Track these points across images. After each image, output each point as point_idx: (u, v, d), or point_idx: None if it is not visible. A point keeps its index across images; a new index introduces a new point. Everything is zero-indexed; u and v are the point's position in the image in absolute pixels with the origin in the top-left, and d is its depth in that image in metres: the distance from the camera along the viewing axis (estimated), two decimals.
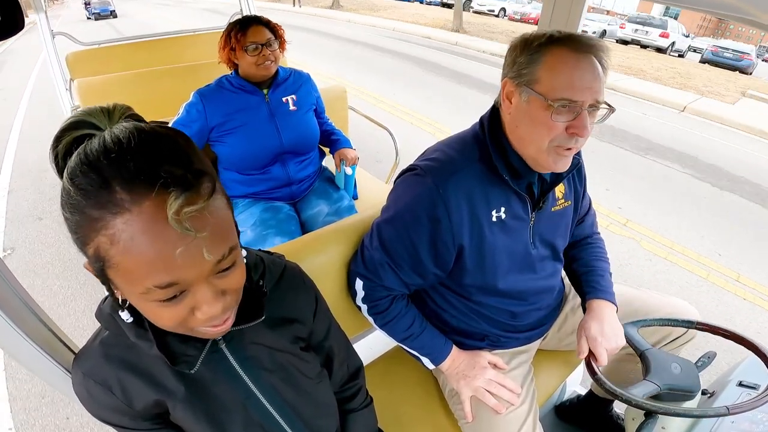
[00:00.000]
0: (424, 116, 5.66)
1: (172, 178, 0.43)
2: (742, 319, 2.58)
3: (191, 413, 0.63)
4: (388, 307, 1.07)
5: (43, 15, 2.69)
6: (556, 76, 0.85)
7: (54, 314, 2.17)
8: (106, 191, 0.42)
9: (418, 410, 1.17)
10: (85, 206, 0.43)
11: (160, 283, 0.45)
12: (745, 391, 0.99)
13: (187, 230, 0.43)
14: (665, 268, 3.01)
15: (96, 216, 0.43)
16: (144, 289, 0.46)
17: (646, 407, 0.86)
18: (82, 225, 0.44)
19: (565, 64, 0.84)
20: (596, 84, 0.84)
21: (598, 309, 1.08)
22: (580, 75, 0.84)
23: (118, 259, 0.44)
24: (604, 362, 1.01)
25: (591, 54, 0.85)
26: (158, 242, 0.43)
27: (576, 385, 1.68)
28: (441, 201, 0.92)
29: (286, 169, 1.77)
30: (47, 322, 0.73)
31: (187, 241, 0.44)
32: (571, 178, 1.12)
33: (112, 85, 2.40)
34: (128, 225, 0.42)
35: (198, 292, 0.49)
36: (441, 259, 0.98)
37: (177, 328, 0.52)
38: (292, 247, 1.14)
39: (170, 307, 0.49)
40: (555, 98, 0.85)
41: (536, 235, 1.05)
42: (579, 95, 0.84)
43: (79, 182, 0.43)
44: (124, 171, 0.43)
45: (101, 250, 0.44)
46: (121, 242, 0.43)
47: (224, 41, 1.66)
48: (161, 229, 0.43)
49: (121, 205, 0.42)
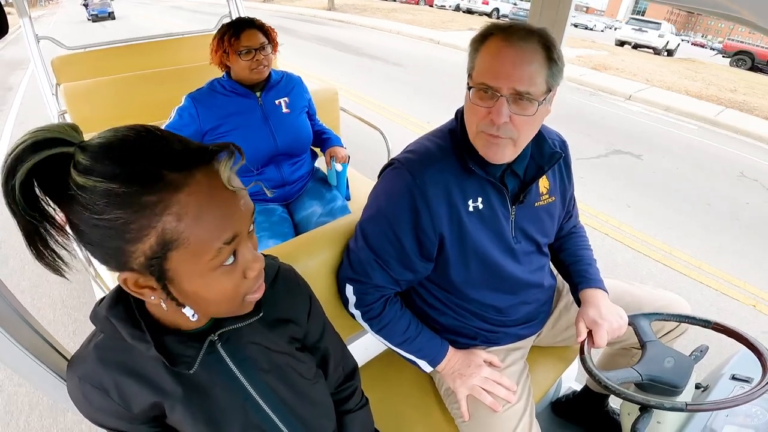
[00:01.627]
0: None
1: (214, 151, 0.50)
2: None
3: (189, 415, 0.63)
4: (382, 311, 1.06)
5: (27, 19, 2.65)
6: (482, 63, 0.88)
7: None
8: (157, 175, 0.45)
9: (414, 410, 1.17)
10: (139, 195, 0.44)
11: (227, 238, 0.50)
12: (738, 385, 1.00)
13: (236, 187, 0.51)
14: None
15: (154, 200, 0.45)
16: (215, 252, 0.50)
17: (611, 389, 0.89)
18: (137, 217, 0.45)
19: (491, 52, 0.87)
20: (517, 72, 0.85)
21: (592, 297, 1.09)
22: (501, 62, 0.85)
23: (189, 232, 0.47)
24: (603, 344, 1.01)
25: (526, 43, 0.85)
26: (222, 202, 0.50)
27: (571, 381, 1.69)
28: (419, 191, 0.94)
29: (281, 171, 1.76)
30: (38, 329, 0.72)
31: (240, 196, 0.52)
32: (557, 174, 1.12)
33: (99, 89, 2.36)
34: (192, 196, 0.47)
35: (245, 250, 0.55)
36: (425, 249, 0.99)
37: (233, 297, 0.56)
38: (286, 249, 1.14)
39: (230, 274, 0.54)
40: (475, 83, 0.89)
41: (518, 230, 1.05)
42: (495, 81, 0.86)
43: (122, 176, 0.44)
44: (164, 154, 0.47)
45: (168, 231, 0.46)
46: (190, 213, 0.47)
47: (217, 44, 1.64)
48: (219, 191, 0.49)
49: (178, 182, 0.46)
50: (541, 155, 1.02)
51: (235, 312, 0.60)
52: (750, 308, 2.72)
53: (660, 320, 1.08)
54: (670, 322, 1.15)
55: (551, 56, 0.86)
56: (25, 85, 7.48)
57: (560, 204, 1.13)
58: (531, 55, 0.85)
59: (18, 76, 8.24)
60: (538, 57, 0.85)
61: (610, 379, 0.90)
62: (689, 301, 1.22)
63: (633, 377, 0.92)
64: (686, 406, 0.83)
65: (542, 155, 1.02)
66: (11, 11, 2.77)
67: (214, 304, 0.56)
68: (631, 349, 1.27)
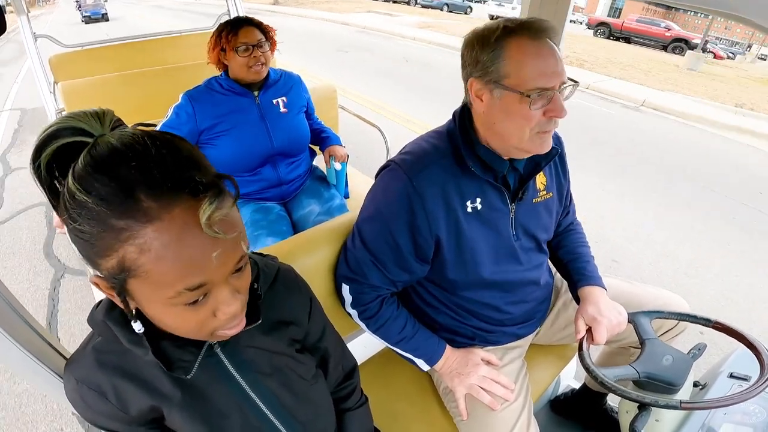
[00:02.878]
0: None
1: (203, 184, 0.44)
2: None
3: (188, 418, 0.62)
4: (378, 311, 1.06)
5: (24, 17, 2.64)
6: (524, 67, 0.86)
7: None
8: (131, 200, 0.42)
9: (413, 408, 1.17)
10: (107, 217, 0.42)
11: (191, 285, 0.46)
12: (736, 383, 1.00)
13: (217, 234, 0.44)
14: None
15: (121, 226, 0.42)
16: (174, 293, 0.46)
17: (608, 385, 0.89)
18: (102, 236, 0.43)
19: (529, 54, 0.86)
20: (560, 65, 0.88)
21: (591, 294, 1.09)
22: (545, 62, 0.86)
23: (148, 267, 0.44)
24: (603, 340, 1.01)
25: (547, 37, 0.87)
26: (192, 247, 0.44)
27: (570, 379, 1.69)
28: (415, 193, 0.93)
29: (277, 171, 1.76)
30: (36, 328, 0.72)
31: (219, 244, 0.46)
32: (554, 170, 1.12)
33: (97, 87, 2.36)
34: (160, 233, 0.43)
35: (219, 293, 0.51)
36: (421, 250, 0.99)
37: (198, 332, 0.53)
38: (284, 247, 1.13)
39: (195, 311, 0.50)
40: (529, 89, 0.86)
41: (518, 227, 1.05)
42: (550, 81, 0.86)
43: (97, 192, 0.42)
44: (147, 178, 0.43)
45: (127, 260, 0.44)
46: (152, 250, 0.43)
47: (214, 42, 1.64)
48: (194, 234, 0.44)
49: (150, 214, 0.42)
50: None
51: (201, 339, 0.56)
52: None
53: (660, 318, 1.07)
54: (669, 320, 1.15)
55: (558, 46, 0.89)
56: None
57: (558, 199, 1.13)
58: (555, 48, 0.88)
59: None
60: (555, 46, 0.89)
61: (606, 376, 0.90)
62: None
63: (630, 374, 0.92)
64: (680, 404, 0.83)
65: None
66: (10, 11, 2.76)
67: (177, 331, 0.54)
68: (629, 348, 1.27)
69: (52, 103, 2.67)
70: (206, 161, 0.49)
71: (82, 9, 17.97)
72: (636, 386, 0.96)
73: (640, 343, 1.00)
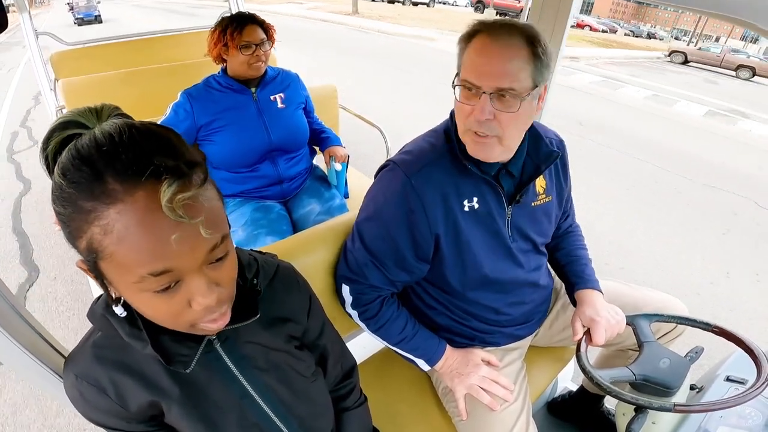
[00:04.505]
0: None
1: (165, 167, 0.44)
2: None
3: (186, 414, 0.62)
4: (379, 311, 1.06)
5: (26, 14, 2.64)
6: (467, 60, 0.88)
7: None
8: (98, 183, 0.43)
9: (412, 408, 1.17)
10: (77, 198, 0.44)
11: (154, 270, 0.46)
12: (732, 386, 1.00)
13: (180, 217, 0.44)
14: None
15: (88, 207, 0.44)
16: (138, 278, 0.46)
17: (603, 386, 0.89)
18: (74, 218, 0.45)
19: (476, 49, 0.86)
20: (500, 68, 0.84)
21: (588, 298, 1.10)
22: (484, 59, 0.85)
23: (111, 249, 0.45)
24: (601, 341, 1.02)
25: (510, 39, 0.84)
26: (152, 230, 0.44)
27: (568, 382, 1.70)
28: (414, 192, 0.94)
29: (276, 167, 1.76)
30: (35, 326, 0.72)
31: (180, 229, 0.45)
32: (555, 173, 1.11)
33: (97, 85, 2.36)
34: (122, 214, 0.43)
35: (192, 282, 0.50)
36: (421, 250, 0.99)
37: (175, 322, 0.53)
38: (284, 246, 1.13)
39: (165, 299, 0.49)
40: (461, 81, 0.89)
41: (514, 229, 1.05)
42: (478, 79, 0.85)
43: (71, 176, 0.44)
44: (116, 162, 0.44)
45: (94, 241, 0.45)
46: (114, 232, 0.44)
47: (217, 37, 1.64)
48: (155, 217, 0.44)
49: (114, 196, 0.43)
50: (538, 154, 1.01)
51: (185, 331, 0.56)
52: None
53: (660, 321, 1.08)
54: (667, 324, 1.15)
55: (536, 52, 0.85)
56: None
57: (557, 204, 1.13)
58: (514, 51, 0.84)
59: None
60: (522, 53, 0.84)
61: (602, 377, 0.91)
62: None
63: (626, 376, 0.92)
64: (674, 407, 0.84)
65: (539, 154, 1.01)
66: (13, 11, 2.76)
67: (154, 319, 0.54)
68: (627, 351, 1.28)
69: (52, 100, 2.67)
70: (187, 149, 0.49)
71: (75, 11, 17.58)
72: (633, 388, 0.96)
73: (639, 346, 1.00)
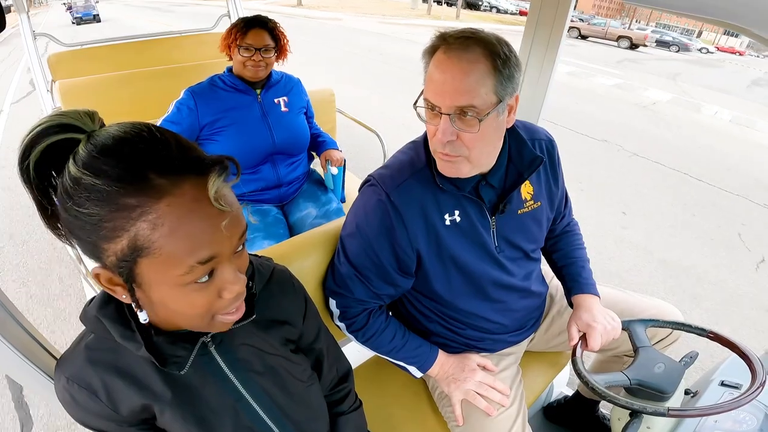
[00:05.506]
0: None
1: (210, 161, 0.48)
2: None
3: (180, 417, 0.62)
4: (366, 323, 1.06)
5: (24, 16, 2.64)
6: (428, 78, 0.85)
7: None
8: (142, 178, 0.44)
9: (407, 413, 1.16)
10: (120, 196, 0.44)
11: (202, 258, 0.48)
12: (727, 391, 1.00)
13: (223, 207, 0.48)
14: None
15: (134, 204, 0.44)
16: (186, 269, 0.48)
17: (597, 390, 0.89)
18: (112, 217, 0.44)
19: (435, 66, 0.83)
20: (456, 86, 0.80)
21: (585, 302, 1.09)
22: (441, 77, 0.81)
23: (161, 243, 0.46)
24: (597, 346, 1.01)
25: (467, 53, 0.79)
26: (202, 219, 0.47)
27: (563, 386, 1.69)
28: (393, 209, 0.93)
29: (277, 170, 1.76)
30: (27, 327, 0.71)
31: (225, 216, 0.49)
32: (544, 176, 1.08)
33: (95, 87, 2.35)
34: (172, 207, 0.45)
35: (224, 270, 0.52)
36: (403, 264, 0.98)
37: (203, 315, 0.54)
38: (279, 250, 1.13)
39: (203, 291, 0.51)
40: (423, 99, 0.86)
41: (501, 239, 1.03)
42: (436, 98, 0.82)
43: (106, 173, 0.44)
44: (157, 158, 0.45)
45: (140, 237, 0.45)
46: (166, 224, 0.45)
47: (227, 33, 1.66)
48: (203, 207, 0.47)
49: (162, 190, 0.45)
50: (521, 161, 0.98)
51: (202, 329, 0.58)
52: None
53: (656, 327, 1.08)
54: (662, 329, 1.16)
55: (496, 65, 0.80)
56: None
57: (548, 208, 1.10)
58: (470, 66, 0.79)
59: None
60: (479, 67, 0.79)
61: (597, 382, 0.90)
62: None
63: (621, 380, 0.92)
64: (668, 411, 0.84)
65: (522, 161, 0.98)
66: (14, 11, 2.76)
67: (181, 317, 0.55)
68: (622, 357, 1.28)
69: (49, 102, 2.66)
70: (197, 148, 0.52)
71: (73, 10, 17.49)
72: (627, 393, 0.96)
73: (634, 351, 1.01)
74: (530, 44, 1.30)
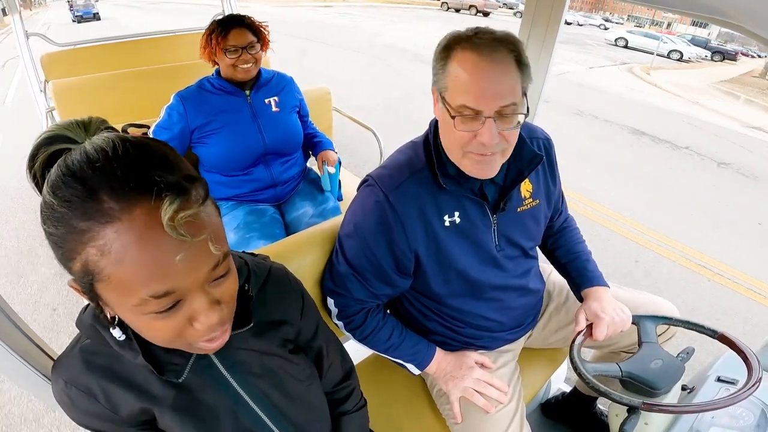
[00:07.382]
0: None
1: (165, 183, 0.42)
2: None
3: (179, 421, 0.62)
4: (363, 322, 1.06)
5: (17, 15, 2.61)
6: (458, 84, 0.82)
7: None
8: (92, 201, 0.41)
9: (406, 411, 1.17)
10: (70, 218, 0.41)
11: (155, 293, 0.44)
12: (723, 387, 1.01)
13: (183, 236, 0.42)
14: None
15: (83, 228, 0.41)
16: (139, 301, 0.44)
17: (583, 378, 0.90)
18: (67, 239, 0.42)
19: (466, 70, 0.81)
20: (500, 88, 0.80)
21: (596, 294, 1.10)
22: (479, 81, 0.80)
23: (109, 271, 0.42)
24: (602, 337, 1.02)
25: (497, 53, 0.80)
26: (153, 250, 0.42)
27: (561, 383, 1.70)
28: (392, 209, 0.93)
29: (270, 170, 1.75)
30: (23, 328, 0.71)
31: (184, 248, 0.43)
32: (541, 175, 1.08)
33: (88, 87, 2.33)
34: (119, 234, 0.41)
35: (194, 301, 0.48)
36: (401, 265, 0.98)
37: (173, 342, 0.51)
38: (276, 249, 1.13)
39: (166, 319, 0.47)
40: (455, 106, 0.83)
41: (501, 237, 1.03)
42: (478, 103, 0.81)
43: (62, 194, 0.42)
44: (111, 179, 0.41)
45: (90, 263, 0.43)
46: (112, 252, 0.41)
47: (205, 41, 1.63)
48: (155, 236, 0.42)
49: (110, 214, 0.41)
50: (521, 159, 0.98)
51: (185, 350, 0.54)
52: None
53: (667, 324, 1.08)
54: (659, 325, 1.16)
55: (520, 59, 0.82)
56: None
57: (545, 205, 1.11)
58: (507, 67, 0.80)
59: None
60: (512, 66, 0.81)
61: (587, 371, 0.91)
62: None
63: (613, 371, 0.93)
64: (642, 405, 0.85)
65: (522, 159, 0.98)
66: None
67: (153, 340, 0.52)
68: (620, 353, 1.28)
69: (42, 102, 2.63)
70: (184, 163, 0.47)
71: (74, 9, 17.89)
72: (623, 387, 0.96)
73: (639, 344, 1.01)
74: (525, 44, 1.31)
